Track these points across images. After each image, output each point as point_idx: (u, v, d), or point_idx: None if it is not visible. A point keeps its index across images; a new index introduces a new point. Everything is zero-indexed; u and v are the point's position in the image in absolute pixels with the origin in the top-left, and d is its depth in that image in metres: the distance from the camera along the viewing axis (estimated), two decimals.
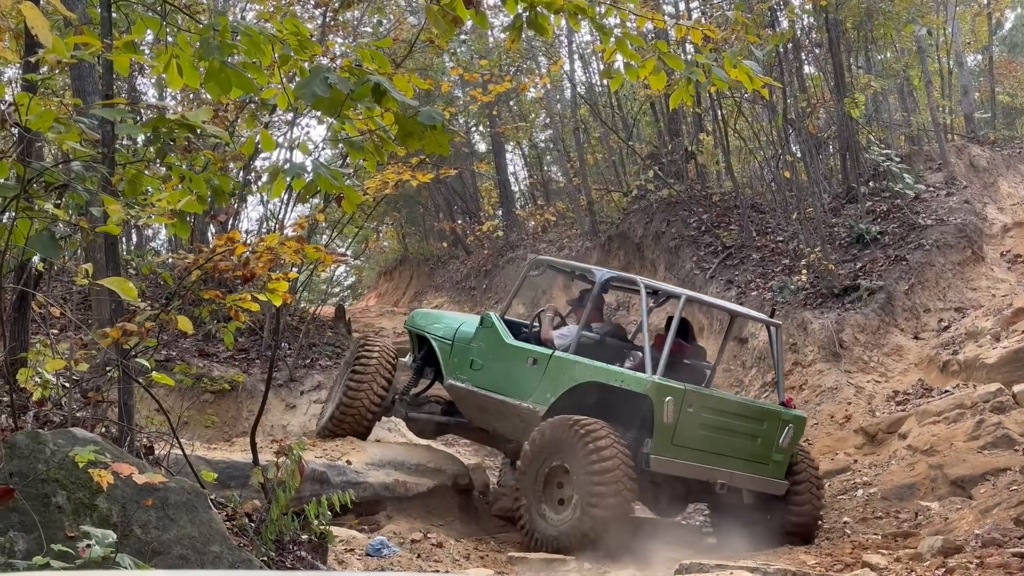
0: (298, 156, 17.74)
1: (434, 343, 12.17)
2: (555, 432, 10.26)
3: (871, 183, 18.68)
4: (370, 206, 15.60)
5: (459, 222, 29.25)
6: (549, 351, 11.04)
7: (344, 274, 37.40)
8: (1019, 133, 24.91)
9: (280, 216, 15.61)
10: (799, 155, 18.95)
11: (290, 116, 15.86)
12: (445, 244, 30.24)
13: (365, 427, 12.07)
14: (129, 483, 4.76)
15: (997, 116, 25.31)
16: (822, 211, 18.08)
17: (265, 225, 16.86)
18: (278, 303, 5.87)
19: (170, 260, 6.59)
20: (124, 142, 6.56)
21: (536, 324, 11.90)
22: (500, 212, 29.47)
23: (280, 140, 15.54)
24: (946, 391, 14.12)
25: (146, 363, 5.86)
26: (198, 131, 5.88)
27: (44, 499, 4.79)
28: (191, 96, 15.27)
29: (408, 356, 12.89)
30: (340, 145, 7.63)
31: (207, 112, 5.15)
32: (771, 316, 12.07)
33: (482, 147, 31.25)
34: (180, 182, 5.98)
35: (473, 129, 29.53)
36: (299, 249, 5.85)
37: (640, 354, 10.85)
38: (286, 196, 14.74)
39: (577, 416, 10.24)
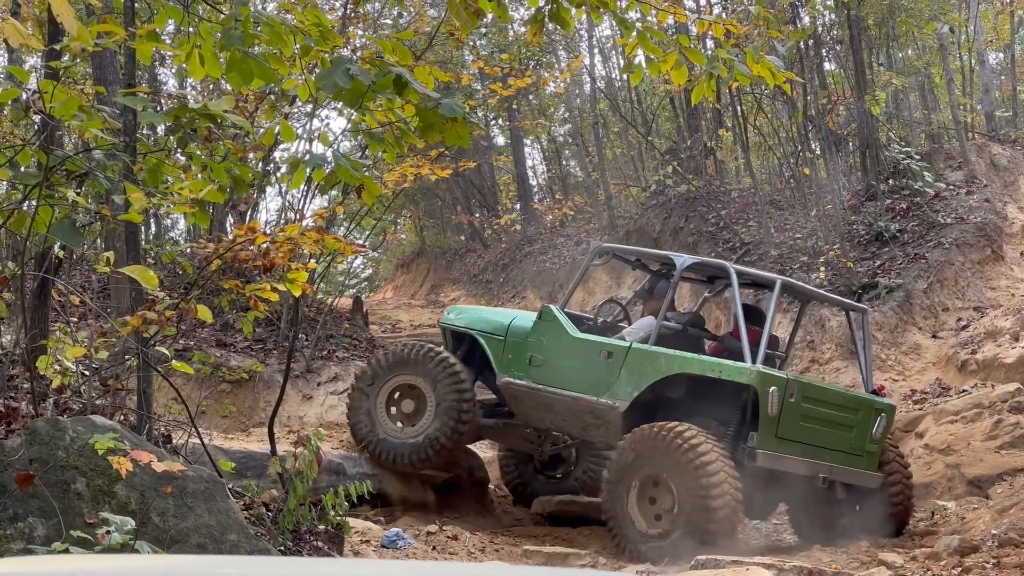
0: (318, 147, 17.77)
1: (482, 340, 11.54)
2: (648, 442, 9.76)
3: (891, 181, 18.60)
4: (389, 199, 15.61)
5: (477, 215, 29.29)
6: (625, 343, 10.52)
7: (361, 266, 37.51)
8: None
9: (300, 207, 15.63)
10: (818, 152, 18.90)
11: (309, 107, 15.87)
12: (463, 237, 30.28)
13: (470, 441, 11.73)
14: (147, 471, 4.78)
15: (1018, 115, 25.15)
16: (841, 208, 18.04)
17: (284, 216, 16.91)
18: (297, 293, 5.87)
19: (188, 250, 6.59)
20: (144, 131, 6.58)
21: (599, 317, 11.55)
22: (518, 206, 29.49)
23: (300, 131, 15.56)
24: (964, 390, 14.07)
25: (166, 351, 5.87)
26: (219, 121, 5.90)
27: (63, 486, 4.82)
28: (210, 86, 15.31)
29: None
30: (359, 137, 7.63)
31: (229, 101, 5.16)
32: (859, 301, 11.62)
33: (501, 140, 31.27)
34: (202, 171, 5.99)
35: (492, 122, 29.55)
36: (319, 239, 5.85)
37: (713, 342, 10.70)
38: (305, 187, 14.77)
39: (670, 424, 9.75)
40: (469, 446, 12.95)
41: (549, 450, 12.36)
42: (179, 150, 6.27)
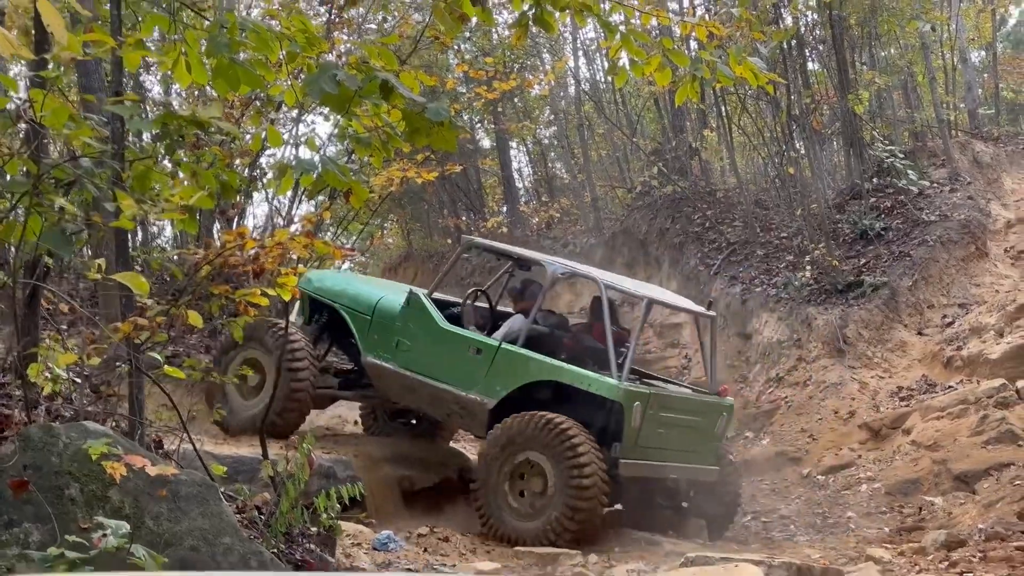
0: (305, 152, 17.78)
1: (346, 315, 11.69)
2: (523, 429, 10.25)
3: (875, 179, 18.71)
4: (376, 203, 15.64)
5: (463, 218, 29.26)
6: (495, 342, 10.86)
7: (350, 270, 37.44)
8: (1023, 129, 24.94)
9: (288, 212, 15.65)
10: (803, 151, 18.98)
11: (295, 113, 15.90)
12: (449, 240, 30.25)
13: (304, 414, 11.72)
14: (141, 476, 4.81)
15: (1001, 112, 25.32)
16: (826, 207, 18.14)
17: (271, 222, 16.92)
18: (287, 298, 5.90)
19: (175, 256, 6.60)
20: (131, 139, 6.62)
21: (467, 303, 11.69)
22: (504, 208, 29.48)
23: (286, 136, 15.58)
24: (950, 387, 14.18)
25: (158, 357, 5.91)
26: (206, 127, 5.93)
27: (57, 491, 4.85)
28: (195, 93, 15.31)
29: (295, 315, 12.18)
30: (346, 141, 7.67)
31: (218, 108, 5.19)
32: (708, 309, 12.00)
33: (487, 143, 31.27)
34: (191, 178, 6.02)
35: (478, 125, 29.55)
36: (308, 244, 5.89)
37: (570, 339, 11.09)
38: (292, 192, 14.80)
39: (547, 413, 10.23)
40: (459, 448, 13.04)
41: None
42: (167, 157, 6.30)
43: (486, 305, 12.34)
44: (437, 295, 11.83)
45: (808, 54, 20.21)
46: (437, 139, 5.67)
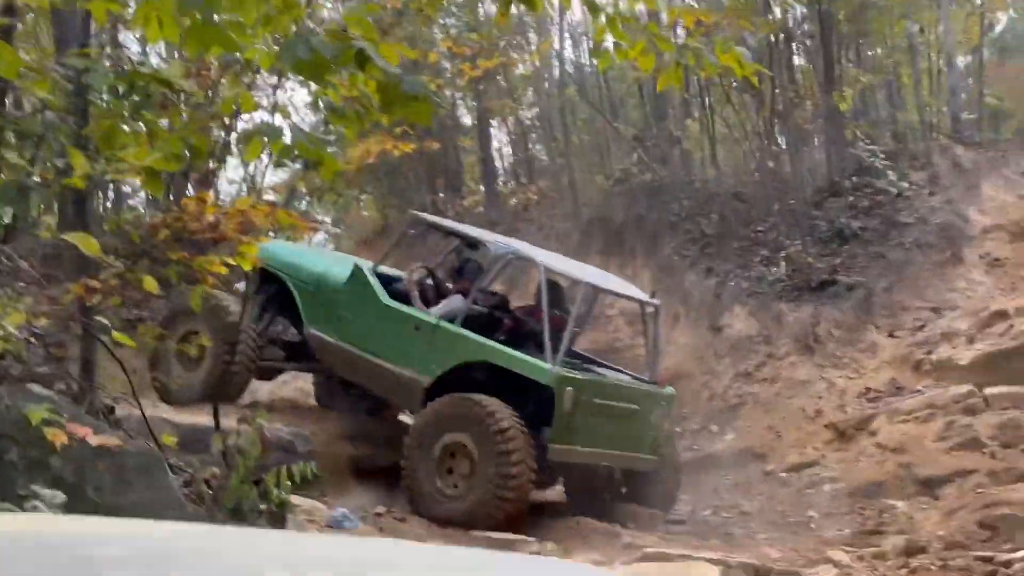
0: (282, 120, 17.50)
1: (291, 286, 11.60)
2: (452, 408, 10.21)
3: (855, 178, 18.61)
4: (352, 174, 15.43)
5: (440, 195, 29.02)
6: (433, 319, 10.77)
7: (322, 242, 37.14)
8: (1004, 136, 24.88)
9: (253, 181, 15.43)
10: (784, 146, 18.87)
11: (275, 79, 15.65)
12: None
13: (243, 386, 11.65)
14: (86, 443, 4.65)
15: (983, 118, 25.25)
16: (804, 204, 18.04)
17: (242, 188, 16.68)
18: (247, 267, 5.74)
19: (139, 218, 6.39)
20: (105, 97, 6.42)
21: (412, 279, 11.53)
22: (482, 188, 29.26)
23: (265, 102, 15.32)
24: (918, 390, 14.11)
25: (105, 321, 5.71)
26: (175, 88, 5.75)
27: None
28: (176, 55, 15.06)
29: (243, 284, 11.95)
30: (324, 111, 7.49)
31: (179, 67, 5.01)
32: (652, 297, 11.86)
33: (468, 120, 31.02)
34: (153, 140, 5.84)
35: (460, 102, 29.30)
36: (271, 214, 5.71)
37: (510, 320, 11.03)
38: (266, 160, 14.55)
39: (476, 395, 10.17)
40: None
41: None
42: (134, 116, 6.11)
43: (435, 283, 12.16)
44: (384, 270, 11.71)
45: (795, 49, 20.08)
46: (412, 112, 5.51)
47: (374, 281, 11.20)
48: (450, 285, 11.82)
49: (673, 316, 18.22)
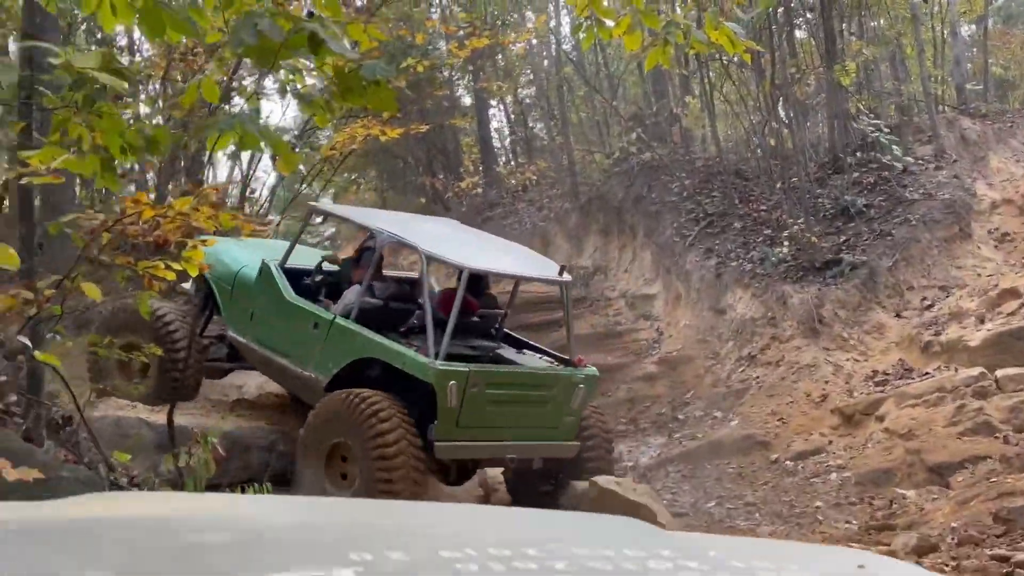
0: (249, 109, 17.03)
1: (213, 285, 11.21)
2: (336, 407, 9.70)
3: (859, 153, 18.16)
4: (337, 160, 15.00)
5: (440, 177, 28.64)
6: (329, 316, 10.27)
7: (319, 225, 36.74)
8: (1011, 107, 24.38)
9: (251, 172, 15.01)
10: (786, 122, 18.40)
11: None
12: (423, 200, 29.63)
13: (196, 385, 11.35)
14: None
15: (989, 89, 24.73)
16: (807, 180, 17.58)
17: (242, 178, 16.22)
18: (194, 273, 5.34)
19: (78, 220, 6.00)
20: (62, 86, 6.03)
21: (320, 275, 11.07)
22: (481, 169, 28.87)
23: (250, 88, 14.90)
24: (927, 373, 13.68)
25: (25, 340, 5.28)
26: (120, 90, 5.35)
27: None
28: (156, 42, 14.61)
29: (190, 283, 11.61)
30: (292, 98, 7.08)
31: (94, 58, 4.59)
32: (560, 275, 10.86)
33: (467, 100, 30.62)
34: (104, 133, 5.45)
35: (457, 83, 28.88)
36: (213, 215, 5.28)
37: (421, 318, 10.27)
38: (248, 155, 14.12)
39: (359, 390, 9.67)
40: None
41: None
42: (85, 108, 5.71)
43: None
44: (299, 265, 11.13)
45: (795, 22, 19.60)
46: (372, 99, 5.13)
47: (279, 277, 10.70)
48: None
49: (674, 298, 17.84)
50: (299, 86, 6.35)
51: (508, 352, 11.11)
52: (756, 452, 13.54)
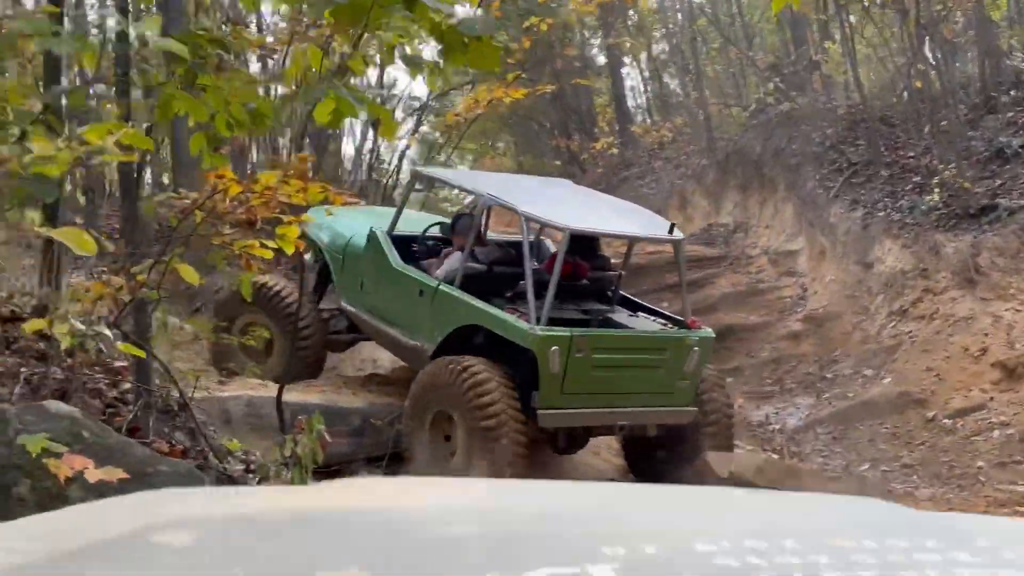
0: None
1: (327, 256, 11.03)
2: (437, 376, 9.47)
3: (1013, 92, 17.19)
4: (463, 126, 14.74)
5: (574, 139, 28.28)
6: (434, 283, 9.97)
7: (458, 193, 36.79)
8: None
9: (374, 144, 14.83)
10: (933, 63, 17.53)
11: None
12: (559, 163, 29.32)
13: (321, 361, 11.33)
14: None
15: None
16: (958, 123, 16.71)
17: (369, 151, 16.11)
18: (290, 251, 5.09)
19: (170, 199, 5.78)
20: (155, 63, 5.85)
21: (430, 240, 10.80)
22: (616, 128, 28.42)
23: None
24: None
25: (107, 332, 5.07)
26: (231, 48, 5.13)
27: (5, 490, 4.08)
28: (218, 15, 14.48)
29: (310, 254, 11.36)
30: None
31: (152, 22, 4.34)
32: (671, 233, 10.07)
33: (601, 60, 30.20)
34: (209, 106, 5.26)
35: (590, 42, 28.46)
36: (303, 188, 4.99)
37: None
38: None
39: (460, 358, 9.40)
40: None
41: None
42: (189, 82, 5.52)
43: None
44: (405, 231, 10.88)
45: None
46: (474, 57, 4.82)
47: (386, 243, 10.45)
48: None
49: (819, 252, 17.21)
50: (407, 48, 6.07)
51: (620, 316, 10.66)
52: (911, 411, 12.90)
